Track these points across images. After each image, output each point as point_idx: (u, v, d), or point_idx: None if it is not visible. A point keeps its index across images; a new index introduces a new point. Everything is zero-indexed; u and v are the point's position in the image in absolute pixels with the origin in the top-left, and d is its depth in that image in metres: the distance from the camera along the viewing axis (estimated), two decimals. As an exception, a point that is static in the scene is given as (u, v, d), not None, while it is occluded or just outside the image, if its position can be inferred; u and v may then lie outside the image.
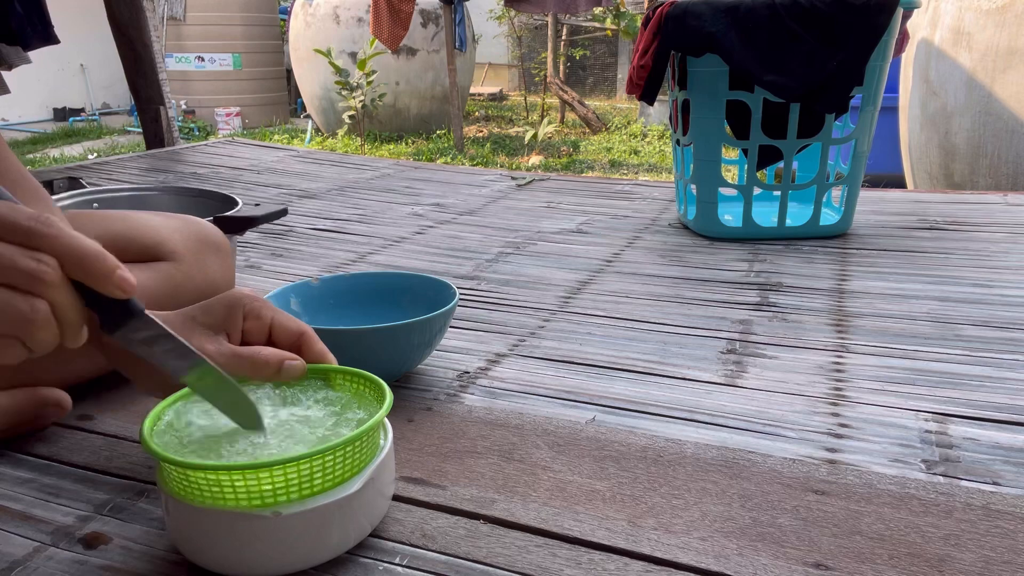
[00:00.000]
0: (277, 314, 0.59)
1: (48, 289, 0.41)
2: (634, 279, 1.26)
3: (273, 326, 0.59)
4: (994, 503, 0.62)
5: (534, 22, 8.51)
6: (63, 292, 0.41)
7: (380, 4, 4.80)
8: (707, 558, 0.55)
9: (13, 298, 0.40)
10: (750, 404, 0.81)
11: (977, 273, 1.26)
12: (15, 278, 0.40)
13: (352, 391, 0.59)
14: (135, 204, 1.20)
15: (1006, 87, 2.71)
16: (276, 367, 0.56)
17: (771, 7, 1.36)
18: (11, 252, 0.40)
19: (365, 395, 0.59)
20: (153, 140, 2.85)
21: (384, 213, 1.76)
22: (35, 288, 0.40)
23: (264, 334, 0.59)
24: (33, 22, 2.30)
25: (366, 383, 0.59)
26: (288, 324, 0.59)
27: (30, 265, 0.40)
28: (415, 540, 0.57)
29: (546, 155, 5.41)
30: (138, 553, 0.55)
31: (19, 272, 0.40)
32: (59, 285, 0.41)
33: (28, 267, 0.40)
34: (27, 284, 0.40)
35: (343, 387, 0.59)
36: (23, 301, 0.40)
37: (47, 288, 0.41)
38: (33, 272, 0.40)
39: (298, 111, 7.79)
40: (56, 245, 0.41)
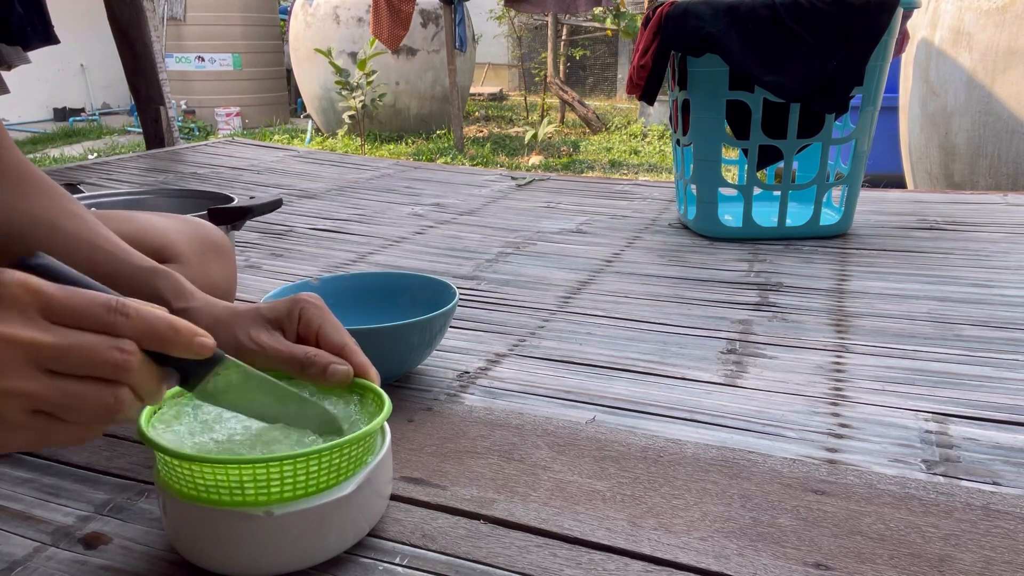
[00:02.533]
0: (326, 324, 0.60)
1: (131, 376, 0.41)
2: (634, 279, 1.26)
3: (319, 334, 0.60)
4: (994, 503, 0.62)
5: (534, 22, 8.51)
6: (144, 372, 0.42)
7: (380, 4, 4.80)
8: (707, 558, 0.55)
9: (99, 391, 0.40)
10: (750, 404, 0.81)
11: (977, 273, 1.26)
12: (100, 370, 0.40)
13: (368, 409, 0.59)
14: (132, 207, 1.20)
15: (1006, 87, 2.71)
16: (322, 368, 0.56)
17: (771, 7, 1.36)
18: (94, 344, 0.40)
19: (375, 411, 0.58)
20: (153, 140, 2.85)
21: (384, 213, 1.76)
22: (120, 377, 0.41)
23: (311, 340, 0.60)
24: (33, 22, 2.30)
25: (366, 387, 0.58)
26: (332, 336, 0.60)
27: (115, 358, 0.40)
28: (415, 540, 0.57)
29: (546, 155, 5.41)
30: (138, 553, 0.55)
31: (104, 365, 0.40)
32: (140, 368, 0.42)
33: (113, 359, 0.40)
34: (112, 375, 0.41)
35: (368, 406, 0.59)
36: (108, 393, 0.41)
37: (130, 375, 0.41)
38: (118, 364, 0.41)
39: (298, 111, 7.79)
40: (134, 328, 0.41)
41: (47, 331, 0.39)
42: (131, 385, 0.42)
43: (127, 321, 0.41)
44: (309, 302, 0.60)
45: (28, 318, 0.39)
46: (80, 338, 0.40)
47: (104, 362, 0.40)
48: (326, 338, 0.60)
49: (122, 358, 0.41)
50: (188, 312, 0.58)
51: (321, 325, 0.59)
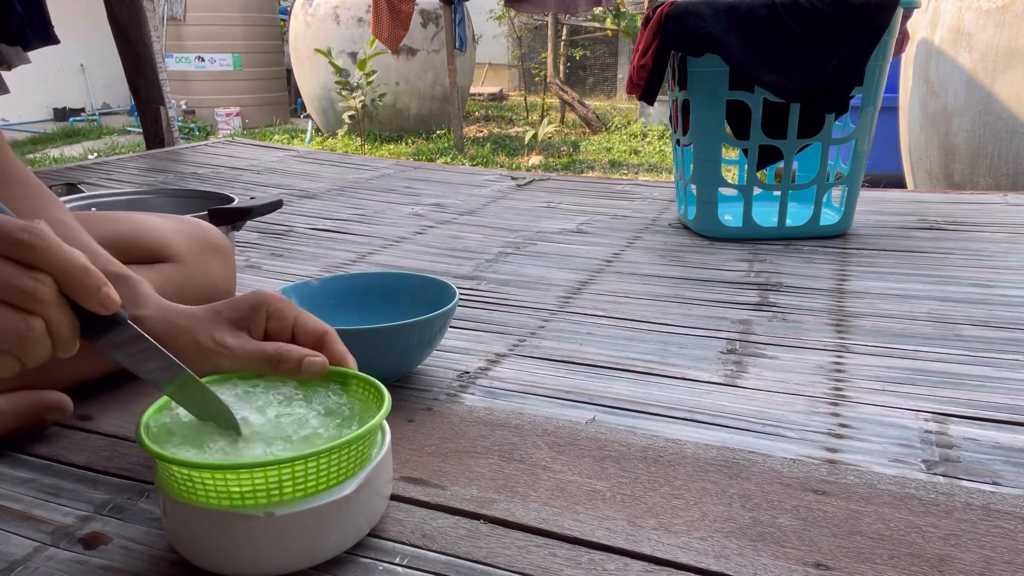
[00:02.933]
0: (300, 315, 0.60)
1: (44, 307, 0.41)
2: (634, 279, 1.26)
3: (296, 327, 0.59)
4: (994, 503, 0.62)
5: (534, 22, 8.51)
6: (58, 309, 0.42)
7: (380, 4, 4.80)
8: (707, 558, 0.55)
9: (9, 316, 0.40)
10: (750, 404, 0.81)
11: (977, 273, 1.26)
12: (12, 296, 0.40)
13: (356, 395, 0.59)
14: (133, 207, 1.20)
15: (1006, 87, 2.71)
16: (296, 363, 0.56)
17: (771, 7, 1.36)
18: (8, 270, 0.40)
19: (366, 399, 0.59)
20: (153, 140, 2.85)
21: (384, 213, 1.76)
22: (31, 306, 0.41)
23: (287, 334, 0.60)
24: (33, 22, 2.30)
25: (366, 387, 0.59)
26: (310, 324, 0.60)
27: (28, 284, 0.40)
28: (415, 540, 0.57)
29: (546, 155, 5.41)
30: (138, 553, 0.55)
31: (16, 290, 0.40)
32: (54, 303, 0.42)
33: (26, 286, 0.40)
34: (23, 302, 0.41)
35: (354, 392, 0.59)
36: (19, 319, 0.41)
37: (43, 306, 0.41)
38: (30, 291, 0.41)
39: (298, 111, 7.79)
40: (49, 259, 0.41)
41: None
42: (44, 317, 0.41)
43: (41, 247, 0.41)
44: (274, 297, 0.59)
45: None
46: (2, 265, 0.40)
47: (16, 287, 0.40)
48: (304, 328, 0.59)
49: (34, 285, 0.41)
50: (141, 320, 0.57)
51: (296, 316, 0.59)
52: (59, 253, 0.41)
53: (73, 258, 0.42)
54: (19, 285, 0.40)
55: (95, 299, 0.43)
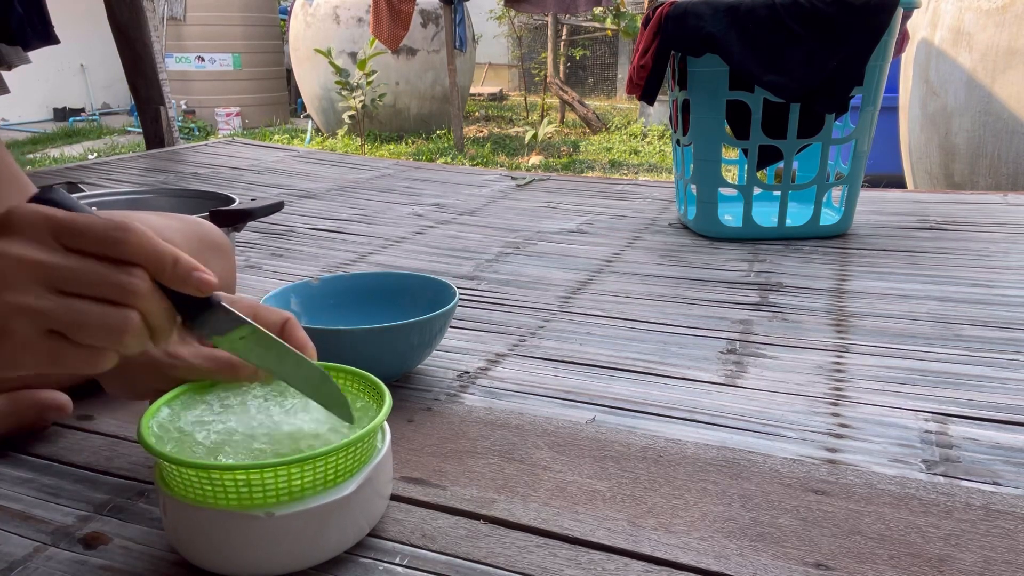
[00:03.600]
0: (258, 307, 0.59)
1: (140, 300, 0.42)
2: (634, 279, 1.26)
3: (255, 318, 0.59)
4: (994, 503, 0.62)
5: (534, 22, 8.51)
6: (152, 299, 0.43)
7: (380, 4, 4.80)
8: (707, 558, 0.55)
9: (107, 312, 0.41)
10: (750, 404, 0.81)
11: (977, 273, 1.26)
12: (109, 292, 0.41)
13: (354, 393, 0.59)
14: (134, 206, 1.20)
15: (1006, 87, 2.71)
16: (253, 370, 0.56)
17: (771, 7, 1.36)
18: (101, 268, 0.41)
19: (364, 398, 0.59)
20: (153, 140, 2.85)
21: (384, 213, 1.76)
22: (128, 300, 0.42)
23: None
24: (33, 22, 2.31)
25: (366, 385, 0.59)
26: (269, 316, 0.59)
27: (122, 279, 0.42)
28: (415, 540, 0.57)
29: (546, 155, 5.41)
30: (138, 553, 0.55)
31: (113, 287, 0.41)
32: (149, 294, 0.43)
33: (120, 281, 0.42)
34: (120, 297, 0.42)
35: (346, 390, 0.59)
36: (117, 314, 0.42)
37: (139, 299, 0.42)
38: (126, 286, 0.42)
39: (298, 111, 7.80)
40: (140, 252, 0.42)
41: (59, 253, 0.41)
42: (141, 310, 0.43)
43: (131, 241, 0.42)
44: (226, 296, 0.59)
45: (40, 241, 0.41)
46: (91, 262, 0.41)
47: (113, 283, 0.41)
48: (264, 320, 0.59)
49: (129, 280, 0.42)
50: None
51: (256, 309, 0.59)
52: (150, 245, 0.43)
53: (163, 248, 0.43)
54: (114, 281, 0.41)
55: (189, 284, 0.44)
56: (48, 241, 0.41)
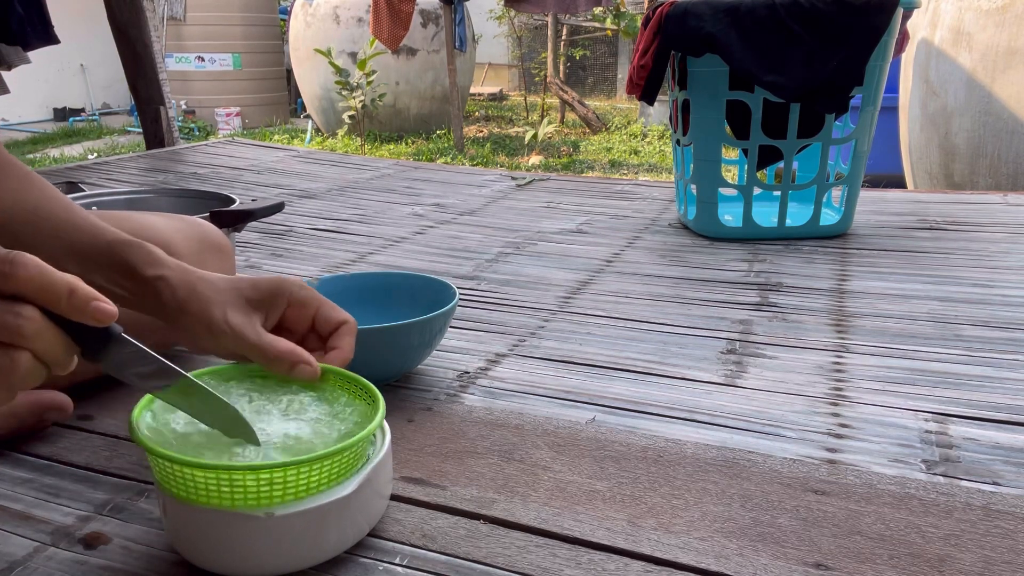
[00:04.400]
0: (324, 305, 0.60)
1: (28, 340, 0.40)
2: (634, 279, 1.26)
3: (317, 315, 0.59)
4: (994, 503, 0.62)
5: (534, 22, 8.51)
6: (45, 337, 0.41)
7: (380, 4, 4.80)
8: (707, 558, 0.55)
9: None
10: (750, 404, 0.81)
11: (977, 273, 1.26)
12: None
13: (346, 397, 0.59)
14: (133, 206, 1.20)
15: (1006, 87, 2.71)
16: (288, 366, 0.56)
17: (771, 7, 1.36)
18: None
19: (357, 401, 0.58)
20: (153, 140, 2.85)
21: (384, 213, 1.76)
22: (15, 342, 0.40)
23: (307, 322, 0.60)
24: (33, 22, 2.30)
25: (359, 389, 0.58)
26: (332, 314, 0.60)
27: (8, 321, 0.39)
28: (415, 540, 0.57)
29: (546, 155, 5.41)
30: (138, 553, 0.55)
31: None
32: (40, 332, 0.40)
33: (7, 323, 0.39)
34: (7, 339, 0.39)
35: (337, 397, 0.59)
36: (4, 356, 0.39)
37: (27, 340, 0.40)
38: (11, 328, 0.39)
39: (298, 111, 7.79)
40: (29, 285, 0.40)
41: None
42: (31, 350, 0.40)
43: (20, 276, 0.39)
44: (298, 285, 0.59)
45: None
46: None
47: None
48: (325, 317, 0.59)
49: (15, 321, 0.39)
50: (162, 279, 0.56)
51: (319, 306, 0.59)
52: (40, 278, 0.40)
53: (56, 279, 0.40)
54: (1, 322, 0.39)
55: (86, 314, 0.41)
56: None
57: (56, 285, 0.40)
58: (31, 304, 0.40)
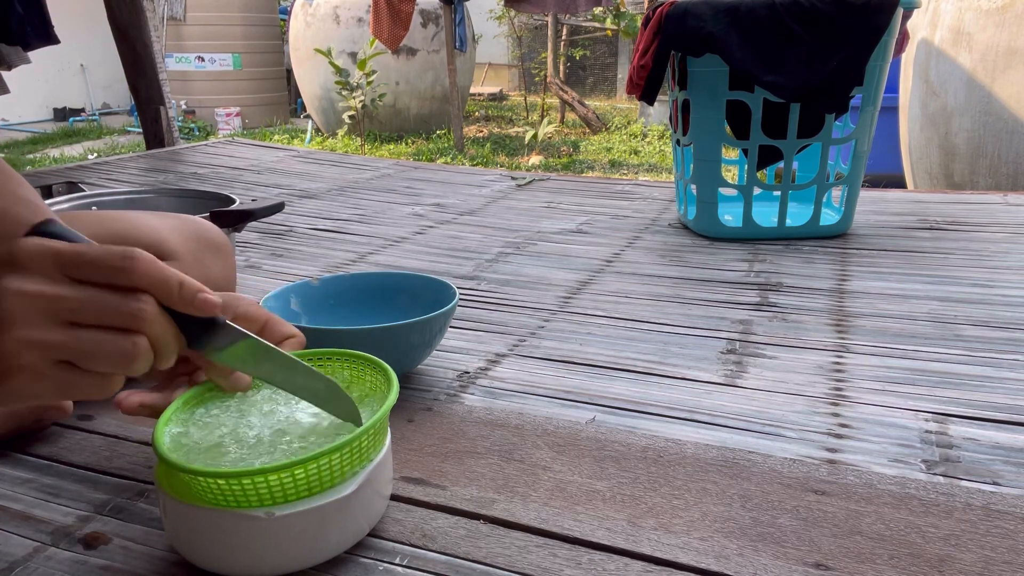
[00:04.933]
0: (272, 320, 0.60)
1: (147, 326, 0.43)
2: (634, 279, 1.26)
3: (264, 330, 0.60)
4: (994, 503, 0.62)
5: (534, 22, 8.51)
6: (160, 324, 0.44)
7: (380, 4, 4.80)
8: (707, 558, 0.55)
9: (116, 340, 0.43)
10: (750, 404, 0.81)
11: (977, 273, 1.26)
12: (117, 320, 0.43)
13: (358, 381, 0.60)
14: (134, 206, 1.20)
15: (1006, 87, 2.71)
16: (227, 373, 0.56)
17: (771, 7, 1.36)
18: (109, 297, 0.43)
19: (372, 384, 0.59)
20: (153, 140, 2.85)
21: (384, 213, 1.76)
22: (136, 326, 0.43)
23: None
24: (33, 22, 2.31)
25: (378, 373, 0.59)
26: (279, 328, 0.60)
27: (131, 307, 0.43)
28: (415, 540, 0.57)
29: (546, 155, 5.41)
30: (138, 553, 0.55)
31: (121, 315, 0.43)
32: (156, 319, 0.44)
33: (129, 309, 0.43)
34: (129, 324, 0.43)
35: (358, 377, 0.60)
36: (126, 341, 0.43)
37: (147, 325, 0.43)
38: (134, 313, 0.43)
39: (298, 111, 7.80)
40: (146, 278, 0.44)
41: (66, 286, 0.42)
42: (148, 335, 0.44)
43: (138, 266, 0.43)
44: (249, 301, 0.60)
45: (47, 275, 0.42)
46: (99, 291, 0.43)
47: (122, 311, 0.43)
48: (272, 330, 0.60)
49: (138, 306, 0.43)
50: None
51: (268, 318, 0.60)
52: (156, 271, 0.44)
53: (168, 273, 0.44)
54: (123, 310, 0.43)
55: (194, 305, 0.45)
56: (55, 275, 0.42)
57: (168, 278, 0.44)
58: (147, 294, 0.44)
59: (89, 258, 0.42)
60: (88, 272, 0.42)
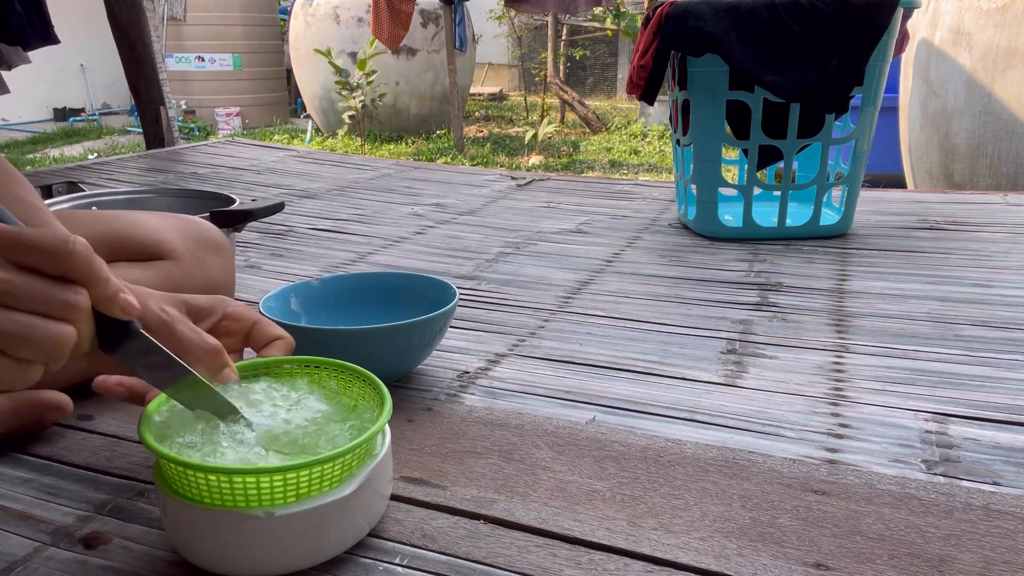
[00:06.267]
0: (260, 321, 0.60)
1: (80, 318, 0.43)
2: (634, 279, 1.26)
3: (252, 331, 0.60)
4: (994, 503, 0.62)
5: (534, 22, 8.52)
6: (88, 319, 0.44)
7: (380, 4, 4.80)
8: (707, 558, 0.55)
9: (49, 327, 0.42)
10: (750, 404, 0.81)
11: (977, 273, 1.26)
12: (53, 308, 0.42)
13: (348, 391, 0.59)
14: (134, 206, 1.20)
15: (1006, 87, 2.71)
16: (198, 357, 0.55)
17: (771, 7, 1.36)
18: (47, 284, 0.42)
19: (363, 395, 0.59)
20: (153, 140, 2.85)
21: (384, 213, 1.76)
22: (70, 316, 0.43)
23: (242, 335, 0.61)
24: (33, 22, 2.31)
25: (367, 385, 0.59)
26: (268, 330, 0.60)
27: (68, 296, 0.42)
28: (415, 540, 0.57)
29: (546, 155, 5.41)
30: (138, 553, 0.55)
31: (58, 303, 0.42)
32: (88, 312, 0.44)
33: (67, 298, 0.42)
34: (63, 313, 0.42)
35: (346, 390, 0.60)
36: (58, 329, 0.42)
37: (79, 317, 0.43)
38: (72, 303, 0.42)
39: (298, 111, 7.80)
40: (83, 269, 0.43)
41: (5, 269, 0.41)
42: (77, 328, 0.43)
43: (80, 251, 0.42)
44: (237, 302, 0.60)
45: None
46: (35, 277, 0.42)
47: (57, 299, 0.42)
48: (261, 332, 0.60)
49: (75, 297, 0.43)
50: None
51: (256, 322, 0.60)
52: (92, 262, 0.43)
53: (101, 267, 0.44)
54: (60, 298, 0.42)
55: (116, 304, 0.45)
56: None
57: (100, 273, 0.44)
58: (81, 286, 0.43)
59: (28, 241, 0.42)
60: (26, 255, 0.42)
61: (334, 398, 0.59)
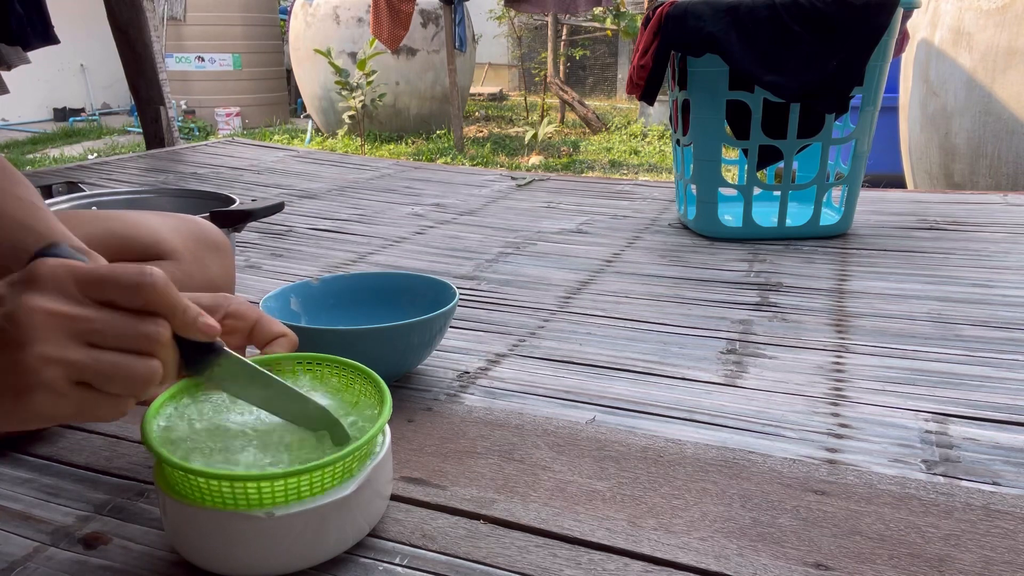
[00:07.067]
0: (263, 318, 0.60)
1: (162, 350, 0.44)
2: (634, 279, 1.26)
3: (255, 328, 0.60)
4: (994, 503, 0.62)
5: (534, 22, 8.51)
6: (171, 348, 0.45)
7: (380, 4, 4.80)
8: (707, 558, 0.55)
9: (134, 363, 0.43)
10: (750, 404, 0.81)
11: (977, 273, 1.26)
12: (135, 343, 0.43)
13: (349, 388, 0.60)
14: (134, 206, 1.20)
15: (1006, 87, 2.71)
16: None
17: (771, 7, 1.36)
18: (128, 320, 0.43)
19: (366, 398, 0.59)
20: (153, 140, 2.85)
21: (384, 213, 1.76)
22: (153, 350, 0.43)
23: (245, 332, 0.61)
24: (33, 22, 2.30)
25: (368, 383, 0.59)
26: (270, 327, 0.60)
27: (149, 330, 0.43)
28: (415, 540, 0.57)
29: (546, 155, 5.41)
30: (138, 553, 0.55)
31: (139, 338, 0.43)
32: (170, 343, 0.45)
33: (148, 332, 0.43)
34: (146, 347, 0.43)
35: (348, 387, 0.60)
36: (143, 364, 0.43)
37: (161, 349, 0.44)
38: (152, 336, 0.43)
39: (298, 111, 7.79)
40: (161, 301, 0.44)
41: (86, 305, 0.42)
42: (161, 359, 0.44)
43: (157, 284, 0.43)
44: (241, 300, 0.60)
45: (67, 294, 0.42)
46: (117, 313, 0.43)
47: (140, 334, 0.43)
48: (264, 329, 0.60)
49: (156, 329, 0.43)
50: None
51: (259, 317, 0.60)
52: (170, 294, 0.44)
53: (177, 296, 0.45)
54: (142, 332, 0.43)
55: (197, 329, 0.46)
56: (74, 293, 0.42)
57: (177, 302, 0.45)
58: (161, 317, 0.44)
59: (107, 278, 0.43)
60: (106, 291, 0.42)
61: (336, 395, 0.59)
